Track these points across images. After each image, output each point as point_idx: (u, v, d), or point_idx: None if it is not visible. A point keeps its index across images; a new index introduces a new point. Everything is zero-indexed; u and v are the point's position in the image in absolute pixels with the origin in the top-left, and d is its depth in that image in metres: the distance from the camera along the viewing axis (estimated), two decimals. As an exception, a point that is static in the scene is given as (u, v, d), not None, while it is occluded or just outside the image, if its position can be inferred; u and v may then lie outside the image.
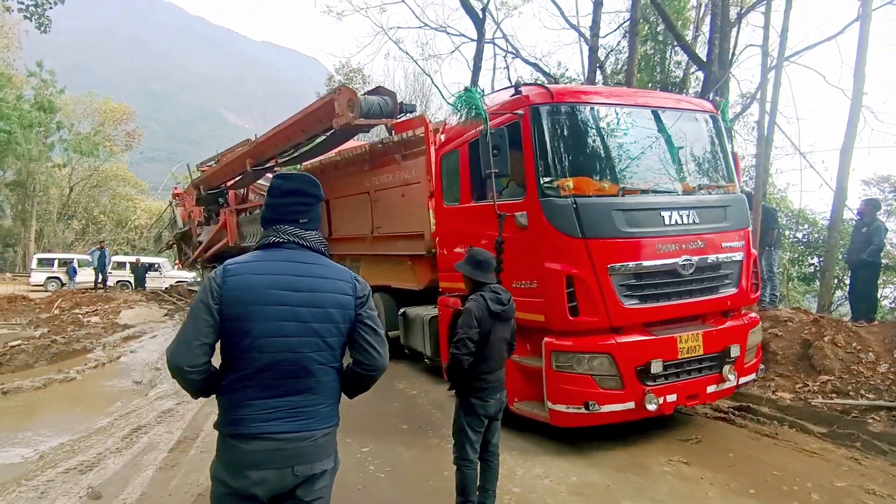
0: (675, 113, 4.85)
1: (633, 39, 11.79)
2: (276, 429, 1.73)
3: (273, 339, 1.72)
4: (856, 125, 11.54)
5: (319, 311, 1.78)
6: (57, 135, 30.10)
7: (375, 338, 1.88)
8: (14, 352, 6.76)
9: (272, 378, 1.74)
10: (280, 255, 1.83)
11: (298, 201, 1.90)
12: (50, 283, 22.59)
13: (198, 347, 1.71)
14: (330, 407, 1.85)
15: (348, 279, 1.89)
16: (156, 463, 3.99)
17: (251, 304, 1.72)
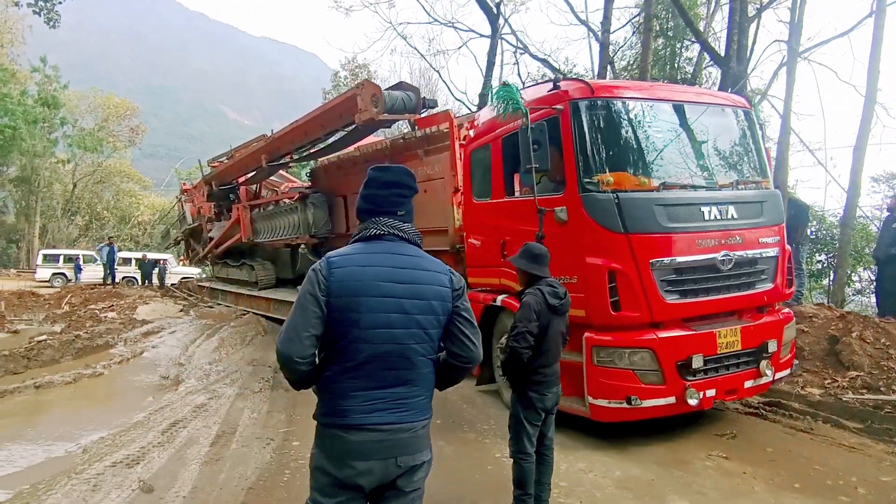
0: (709, 108, 4.85)
1: (646, 35, 11.79)
2: (379, 420, 1.75)
3: (379, 331, 1.75)
4: (869, 122, 11.57)
5: (422, 302, 1.80)
6: (61, 130, 30.05)
7: (472, 329, 1.89)
8: (41, 346, 6.77)
9: (376, 369, 1.76)
10: (380, 248, 1.84)
11: (396, 193, 1.91)
12: (55, 279, 22.56)
13: (307, 338, 1.73)
14: (427, 398, 1.88)
15: (445, 271, 1.90)
16: (200, 457, 4.00)
17: (359, 296, 1.74)
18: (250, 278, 12.36)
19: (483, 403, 5.51)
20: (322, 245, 9.86)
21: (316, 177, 10.37)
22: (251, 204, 12.22)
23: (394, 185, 1.91)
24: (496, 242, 5.29)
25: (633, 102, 4.52)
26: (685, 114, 4.70)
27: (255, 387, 5.99)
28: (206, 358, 7.26)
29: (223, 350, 7.75)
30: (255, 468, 3.87)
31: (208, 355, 7.43)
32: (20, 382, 5.66)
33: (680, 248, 4.22)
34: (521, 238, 4.96)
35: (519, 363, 3.03)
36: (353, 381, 1.77)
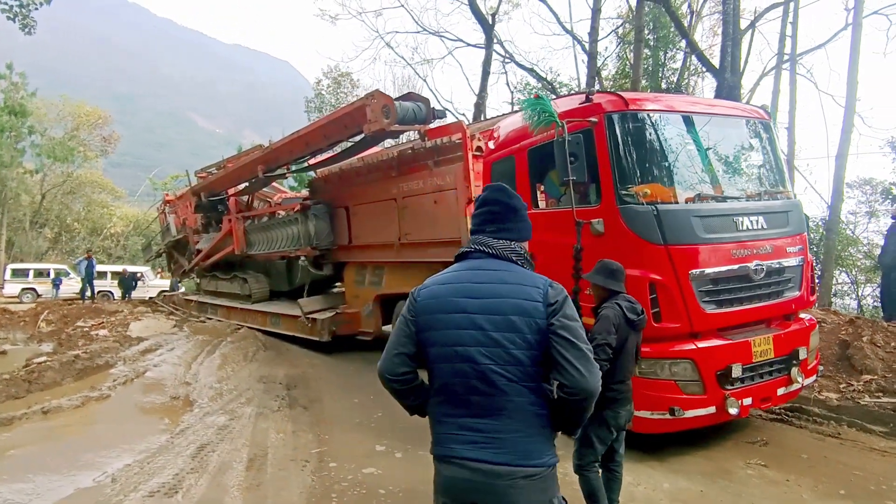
0: (734, 119, 4.95)
1: (637, 46, 12.03)
2: (467, 454, 1.63)
3: (450, 348, 1.67)
4: (850, 131, 12.05)
5: (499, 318, 1.65)
6: (28, 140, 28.91)
7: (574, 352, 1.62)
8: (41, 369, 6.44)
9: (459, 393, 1.67)
10: (465, 265, 1.80)
11: (487, 210, 1.86)
12: (25, 294, 21.64)
13: (396, 356, 1.75)
14: (531, 439, 1.64)
15: (538, 284, 1.70)
16: (239, 483, 3.85)
17: (434, 313, 1.71)
18: (243, 291, 12.07)
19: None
20: (323, 257, 9.71)
21: (316, 188, 10.21)
22: (244, 215, 11.96)
23: (487, 203, 1.87)
24: (523, 254, 5.26)
25: (664, 115, 4.58)
26: (712, 125, 4.78)
27: (272, 405, 5.82)
28: (212, 376, 7.03)
29: (228, 367, 7.52)
30: (300, 493, 3.74)
31: (214, 373, 7.20)
32: (26, 408, 5.37)
33: (716, 259, 4.27)
34: (549, 250, 4.97)
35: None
36: (441, 406, 1.72)
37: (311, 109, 24.37)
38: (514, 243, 1.81)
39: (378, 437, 4.93)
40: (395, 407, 5.58)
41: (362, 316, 9.06)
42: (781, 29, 10.30)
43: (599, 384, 1.62)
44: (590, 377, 1.61)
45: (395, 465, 4.31)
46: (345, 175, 9.29)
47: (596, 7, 14.23)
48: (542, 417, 1.66)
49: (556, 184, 5.16)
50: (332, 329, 8.94)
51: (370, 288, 8.88)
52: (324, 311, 9.34)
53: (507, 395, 1.63)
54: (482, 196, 1.91)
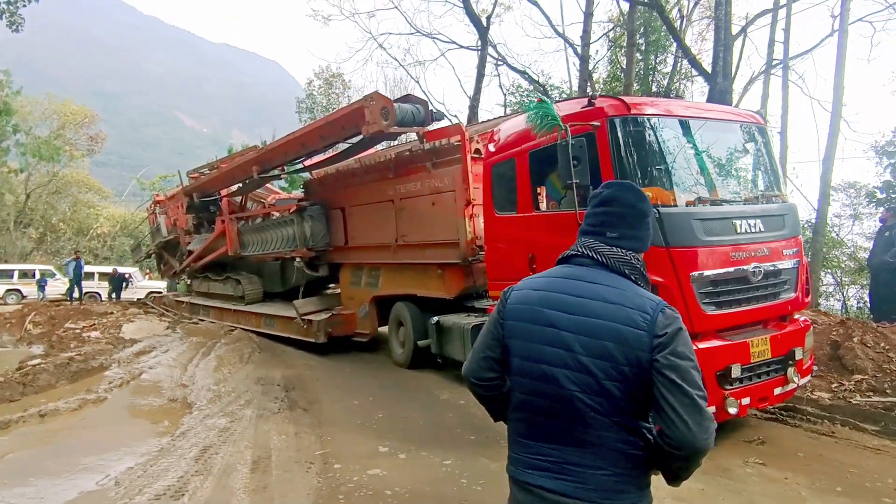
0: (733, 124, 5.05)
1: (630, 51, 12.16)
2: (542, 483, 1.48)
3: (530, 364, 1.52)
4: (836, 135, 12.28)
5: (591, 341, 1.45)
6: (13, 138, 28.45)
7: (680, 398, 1.36)
8: (36, 371, 6.35)
9: (539, 414, 1.51)
10: (566, 271, 1.60)
11: (611, 211, 1.60)
12: (9, 295, 21.31)
13: (483, 360, 1.63)
14: (617, 478, 1.44)
15: (645, 308, 1.45)
16: (245, 486, 3.84)
17: (521, 321, 1.56)
18: (236, 293, 12.00)
19: (510, 417, 5.50)
20: (319, 259, 9.69)
21: (311, 189, 10.19)
22: (237, 216, 11.89)
23: (612, 202, 1.61)
24: (523, 256, 5.31)
25: (665, 119, 4.66)
26: (710, 130, 4.87)
27: (272, 407, 5.81)
28: (209, 378, 6.99)
29: (225, 369, 7.48)
30: (307, 494, 3.74)
31: (211, 375, 7.16)
32: (22, 411, 5.30)
33: (716, 261, 4.35)
34: (551, 252, 5.03)
35: None
36: (520, 424, 1.57)
37: (303, 110, 24.29)
38: (629, 253, 1.57)
39: (380, 438, 4.95)
40: (396, 408, 5.65)
41: (358, 317, 9.07)
42: (770, 35, 10.52)
43: (711, 440, 1.36)
44: (697, 431, 1.35)
45: (399, 466, 4.33)
46: (341, 176, 9.30)
47: (588, 11, 14.36)
48: (634, 458, 1.45)
49: (558, 186, 5.22)
50: (328, 330, 8.93)
51: (366, 289, 8.89)
52: (319, 313, 9.33)
53: (593, 427, 1.44)
54: (605, 193, 1.64)
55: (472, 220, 6.83)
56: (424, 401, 6.22)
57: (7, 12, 14.22)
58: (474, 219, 6.83)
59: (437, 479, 4.05)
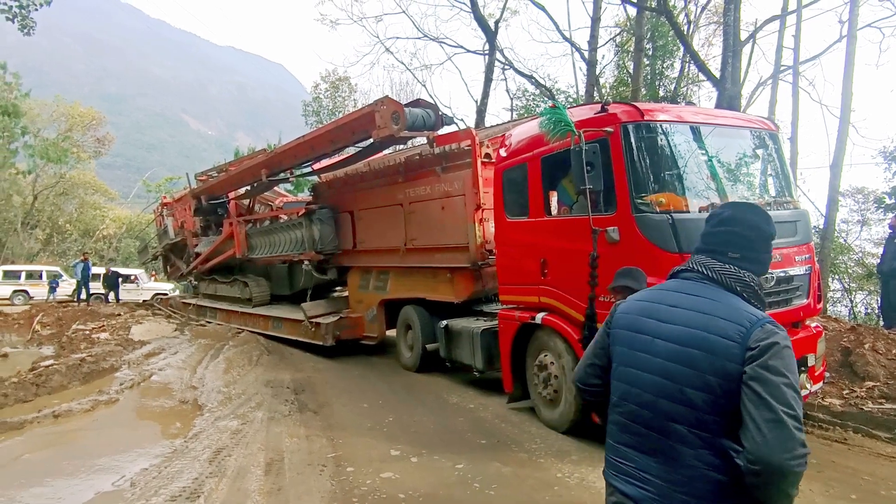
0: (745, 130, 5.06)
1: (637, 56, 12.19)
2: (622, 487, 1.51)
3: (624, 369, 1.57)
4: (845, 141, 12.26)
5: (677, 348, 1.45)
6: (21, 140, 28.66)
7: (763, 412, 1.29)
8: (49, 372, 6.40)
9: (628, 419, 1.54)
10: (671, 284, 1.61)
11: (732, 231, 1.56)
12: (16, 296, 21.42)
13: (589, 366, 1.72)
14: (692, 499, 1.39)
15: (742, 321, 1.40)
16: (259, 488, 3.86)
17: (622, 328, 1.62)
18: (243, 295, 12.04)
19: (520, 421, 5.51)
20: (327, 262, 9.72)
21: (320, 192, 10.23)
22: (245, 219, 11.94)
23: (735, 223, 1.57)
24: (535, 261, 5.33)
25: (678, 125, 4.67)
26: (722, 136, 4.88)
27: (282, 410, 5.83)
28: (219, 380, 7.02)
29: (234, 371, 7.51)
30: (321, 497, 3.76)
31: (220, 377, 7.19)
32: (36, 412, 5.34)
33: (729, 267, 4.36)
34: (563, 257, 5.06)
35: None
36: (612, 427, 1.60)
37: (309, 113, 24.39)
38: (747, 273, 1.52)
39: (391, 441, 4.96)
40: (406, 412, 5.67)
41: (366, 320, 9.09)
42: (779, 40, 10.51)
43: (794, 461, 1.25)
44: (776, 446, 1.25)
45: (411, 469, 4.34)
46: (350, 180, 9.33)
47: (595, 16, 14.41)
48: (714, 483, 1.37)
49: (570, 192, 5.24)
50: (336, 333, 8.95)
51: (374, 293, 8.91)
52: (327, 316, 9.35)
53: (672, 439, 1.43)
54: (727, 213, 1.60)
55: (482, 224, 6.85)
56: (434, 405, 6.23)
57: (19, 16, 14.34)
58: (484, 223, 6.85)
59: (449, 483, 4.06)
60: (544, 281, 5.22)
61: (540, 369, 5.38)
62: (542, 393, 5.34)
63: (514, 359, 5.74)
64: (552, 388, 5.20)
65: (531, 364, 5.54)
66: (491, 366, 6.34)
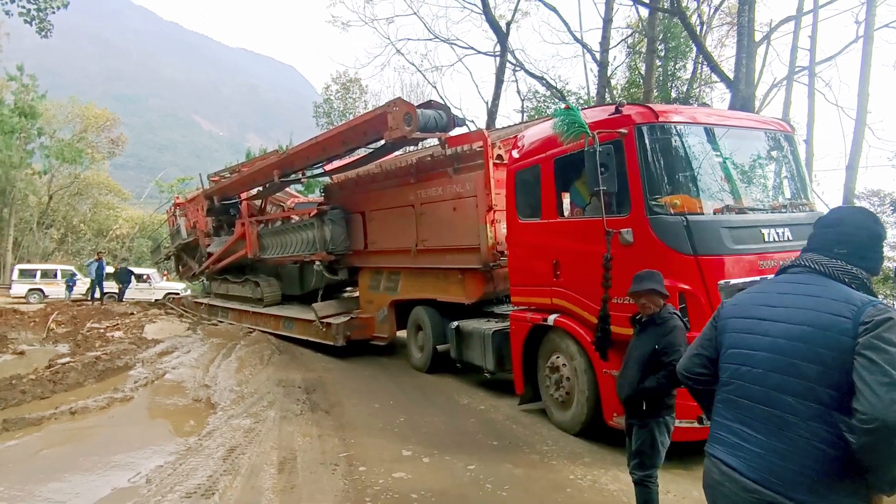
0: (760, 132, 5.02)
1: (650, 57, 12.13)
2: (723, 457, 1.62)
3: (733, 351, 1.68)
4: (861, 143, 12.12)
5: (788, 326, 1.53)
6: (37, 141, 29.09)
7: (878, 377, 1.33)
8: (65, 370, 6.49)
9: (735, 395, 1.64)
10: (780, 277, 1.74)
11: (843, 232, 1.65)
12: (31, 294, 21.68)
13: (695, 356, 1.82)
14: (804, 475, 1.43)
15: (854, 301, 1.47)
16: (272, 486, 3.89)
17: (731, 317, 1.74)
18: (255, 295, 12.12)
19: (531, 423, 5.50)
20: (338, 262, 9.76)
21: (331, 193, 10.29)
22: (257, 219, 12.03)
23: (845, 224, 1.67)
24: (547, 262, 5.32)
25: (692, 126, 4.65)
26: (737, 138, 4.85)
27: (294, 409, 5.86)
28: (231, 379, 7.08)
29: (246, 370, 7.56)
30: (334, 496, 3.78)
31: (233, 376, 7.24)
32: (53, 408, 5.42)
33: (744, 269, 4.33)
34: (576, 258, 5.04)
35: (674, 388, 3.08)
36: (719, 405, 1.70)
37: (320, 115, 24.52)
38: (856, 269, 1.58)
39: (403, 441, 4.97)
40: (416, 413, 5.67)
41: (376, 321, 9.11)
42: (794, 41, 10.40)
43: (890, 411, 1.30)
44: (891, 404, 1.29)
45: (423, 469, 4.35)
46: (361, 181, 9.38)
47: (607, 17, 14.36)
48: (822, 455, 1.42)
49: (582, 193, 5.23)
50: (347, 334, 8.98)
51: (385, 293, 8.94)
52: (338, 316, 9.39)
53: (779, 409, 1.50)
54: (839, 214, 1.72)
55: (494, 225, 6.86)
56: (444, 405, 6.24)
57: (37, 19, 14.56)
58: (496, 224, 6.85)
59: (461, 484, 4.07)
60: (557, 282, 5.21)
61: (552, 371, 5.37)
62: (554, 395, 5.32)
63: (525, 360, 5.73)
64: (564, 389, 5.18)
65: (543, 366, 5.54)
66: (502, 367, 6.34)
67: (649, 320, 3.18)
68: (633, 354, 3.22)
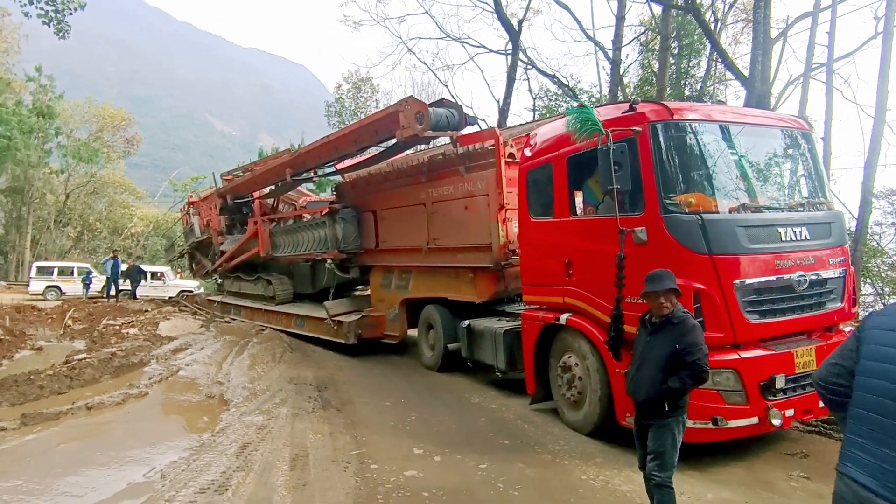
0: (775, 130, 4.95)
1: (663, 55, 12.01)
2: (853, 474, 1.58)
3: (873, 364, 1.64)
4: (879, 140, 11.88)
5: None
6: (55, 141, 29.55)
7: None
8: (82, 365, 6.60)
9: (870, 411, 1.60)
10: None
11: None
12: (49, 291, 22.01)
13: (832, 366, 1.80)
14: None
15: None
16: (285, 483, 3.91)
17: (874, 329, 1.70)
18: (267, 293, 12.20)
19: (543, 422, 5.48)
20: (350, 261, 9.79)
21: (343, 192, 10.32)
22: (270, 218, 12.11)
23: None
24: (559, 261, 5.29)
25: (707, 124, 4.60)
26: (754, 135, 4.79)
27: (306, 406, 5.89)
28: (244, 376, 7.13)
29: (258, 368, 7.62)
30: (346, 493, 3.79)
31: (245, 373, 7.30)
32: (70, 403, 5.51)
33: (760, 269, 4.28)
34: (589, 257, 5.01)
35: (696, 387, 3.07)
36: (851, 421, 1.67)
37: (332, 114, 24.62)
38: None
39: (414, 440, 4.98)
40: (428, 411, 5.66)
41: (387, 319, 9.13)
42: (810, 37, 10.22)
43: None
44: None
45: (434, 468, 4.35)
46: (373, 179, 9.39)
47: (620, 14, 14.25)
48: None
49: (595, 192, 5.20)
50: (358, 332, 9.01)
51: (396, 292, 8.95)
52: (349, 314, 9.42)
53: None
54: None
55: (506, 224, 6.83)
56: (455, 404, 6.23)
57: (55, 20, 14.77)
58: (507, 223, 6.82)
59: (473, 483, 4.06)
60: (569, 281, 5.18)
61: (564, 371, 5.34)
62: (566, 394, 5.29)
63: (536, 359, 5.71)
64: (576, 389, 5.15)
65: (554, 365, 5.51)
66: (513, 366, 6.32)
67: (665, 320, 3.13)
68: (649, 355, 3.16)
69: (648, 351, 3.17)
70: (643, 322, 3.32)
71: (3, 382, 6.10)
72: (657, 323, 3.17)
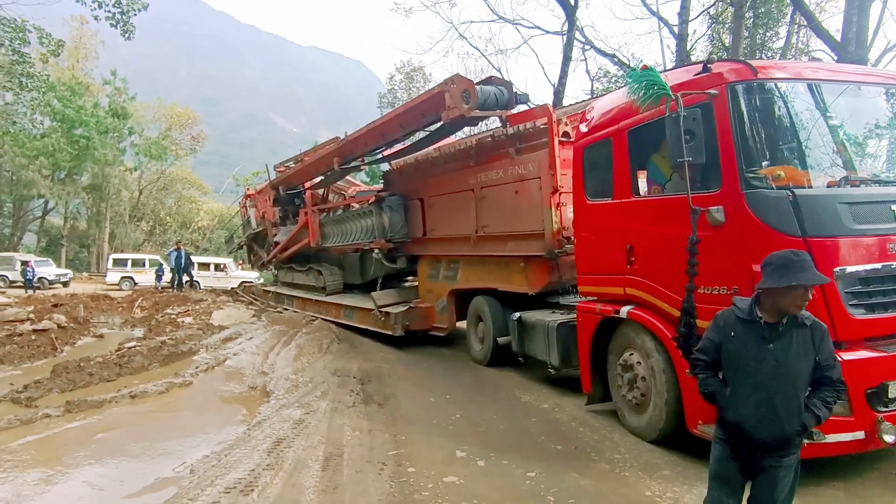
0: (882, 88, 4.16)
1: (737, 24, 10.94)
2: None
3: None
4: None
5: None
6: (128, 140, 31.33)
7: None
8: (131, 354, 6.71)
9: None
10: None
11: None
12: (124, 282, 23.37)
13: None
14: None
15: None
16: (315, 485, 3.64)
17: None
18: (317, 283, 12.21)
19: (601, 426, 4.95)
20: (397, 250, 9.54)
21: (390, 179, 10.07)
22: (319, 208, 12.08)
23: None
24: (619, 248, 4.73)
25: (799, 84, 3.90)
26: (855, 96, 4.03)
27: (347, 400, 5.65)
28: (288, 367, 7.02)
29: (304, 359, 7.50)
30: (379, 500, 3.47)
31: (290, 364, 7.19)
32: (115, 391, 5.55)
33: (867, 254, 3.57)
34: (654, 242, 4.43)
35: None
36: None
37: (384, 105, 24.60)
38: None
39: (457, 441, 4.60)
40: (474, 409, 5.19)
41: (436, 311, 8.81)
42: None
43: None
44: None
45: (477, 474, 3.95)
46: (420, 166, 9.06)
47: (687, -16, 13.16)
48: None
49: (662, 168, 4.58)
50: (406, 324, 8.75)
51: (444, 282, 8.61)
52: (397, 305, 9.18)
53: None
54: None
55: (559, 209, 6.30)
56: (504, 402, 5.81)
57: (121, 21, 15.42)
58: (561, 208, 6.29)
59: (519, 494, 3.63)
60: (631, 270, 4.61)
61: (624, 369, 4.79)
62: (627, 396, 4.74)
63: (593, 356, 5.17)
64: (639, 390, 4.59)
65: (614, 363, 4.96)
66: (567, 363, 5.82)
67: (790, 321, 2.31)
68: (776, 371, 2.29)
69: (772, 366, 2.29)
70: (741, 321, 2.40)
71: (56, 369, 6.26)
72: (776, 325, 2.31)
